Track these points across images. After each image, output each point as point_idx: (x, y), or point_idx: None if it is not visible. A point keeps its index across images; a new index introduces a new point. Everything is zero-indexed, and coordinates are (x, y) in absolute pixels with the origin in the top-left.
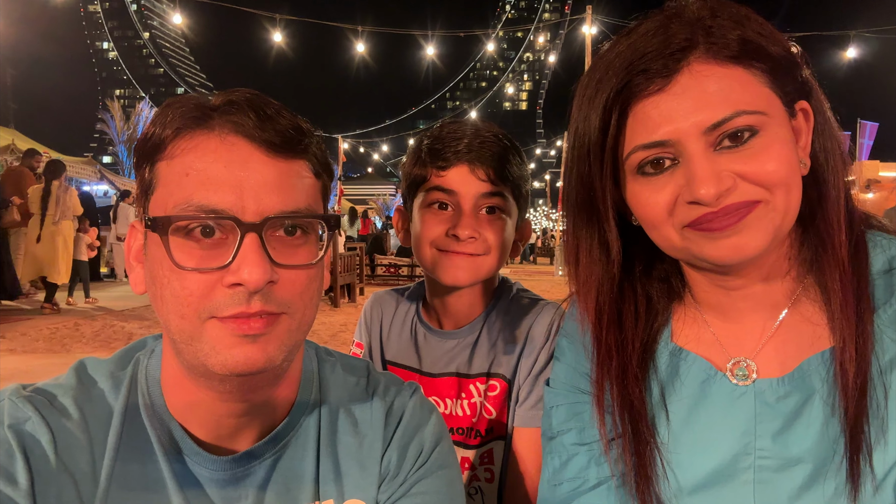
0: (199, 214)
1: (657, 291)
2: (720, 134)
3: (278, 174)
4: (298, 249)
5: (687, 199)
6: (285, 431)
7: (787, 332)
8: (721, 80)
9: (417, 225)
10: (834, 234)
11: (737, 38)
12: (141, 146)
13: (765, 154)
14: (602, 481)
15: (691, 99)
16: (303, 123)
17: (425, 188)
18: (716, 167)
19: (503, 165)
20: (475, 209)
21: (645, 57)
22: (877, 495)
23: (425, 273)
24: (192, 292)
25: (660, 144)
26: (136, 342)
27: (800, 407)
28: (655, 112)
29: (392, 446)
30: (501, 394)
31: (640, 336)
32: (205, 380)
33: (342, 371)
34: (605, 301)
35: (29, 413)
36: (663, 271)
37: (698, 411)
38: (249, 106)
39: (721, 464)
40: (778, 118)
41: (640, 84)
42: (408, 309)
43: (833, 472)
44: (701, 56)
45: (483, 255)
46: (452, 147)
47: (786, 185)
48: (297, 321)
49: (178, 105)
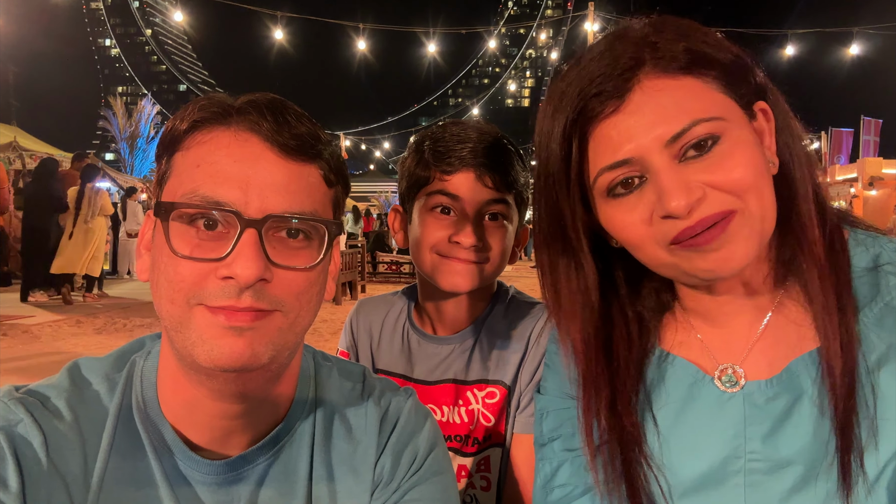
0: (202, 204)
1: (648, 310)
2: (682, 145)
3: (287, 176)
4: (299, 252)
5: (660, 215)
6: (280, 436)
7: (773, 335)
8: (674, 93)
9: (418, 228)
10: (807, 228)
11: (682, 49)
12: (162, 139)
13: (730, 160)
14: (592, 487)
15: (648, 115)
16: (321, 132)
17: (428, 191)
18: (683, 178)
19: (508, 172)
20: (479, 216)
21: (595, 81)
22: (869, 497)
23: (421, 277)
24: (185, 279)
25: (625, 163)
26: (134, 342)
27: (789, 408)
28: (615, 132)
29: (386, 453)
30: (500, 401)
31: (633, 359)
32: (196, 375)
33: (338, 376)
34: (590, 330)
35: (21, 415)
36: (652, 288)
37: (686, 415)
38: (268, 107)
39: (711, 467)
40: (737, 122)
41: (596, 107)
42: (398, 315)
43: (824, 473)
44: (650, 72)
45: (484, 262)
46: (457, 151)
47: (756, 189)
48: (290, 321)
49: (201, 101)
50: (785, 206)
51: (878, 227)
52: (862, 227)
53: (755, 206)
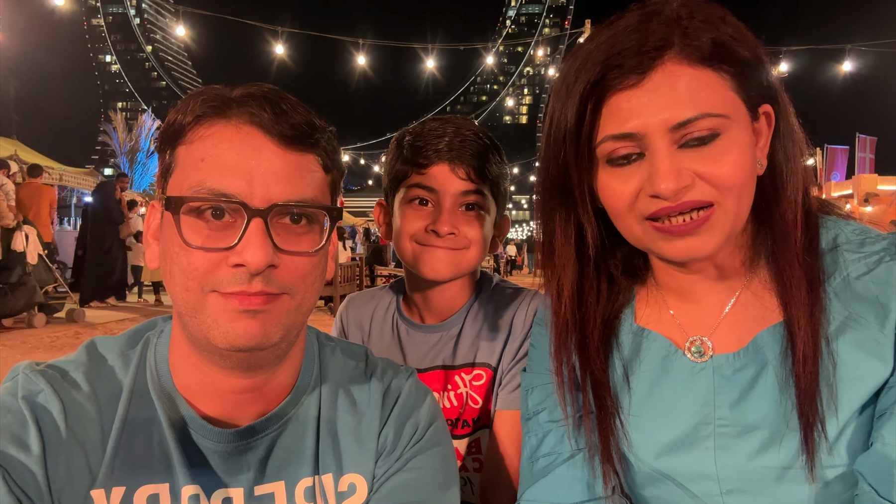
0: (209, 197)
1: (619, 271)
2: (685, 134)
3: (288, 165)
4: (302, 237)
5: (648, 193)
6: (287, 409)
7: (741, 311)
8: (691, 82)
9: (398, 220)
10: (789, 231)
11: (709, 40)
12: (164, 131)
13: (723, 158)
14: (574, 453)
15: (662, 97)
16: (316, 119)
17: (406, 184)
18: (677, 164)
19: (483, 164)
20: (455, 206)
21: (622, 52)
22: (830, 456)
23: (406, 268)
24: (198, 268)
25: (628, 136)
26: (147, 322)
27: (755, 378)
28: (627, 105)
29: (389, 424)
30: (487, 382)
31: (601, 312)
32: (208, 354)
33: (342, 355)
34: (568, 279)
35: (42, 385)
36: (626, 253)
37: (660, 385)
38: (266, 99)
39: (683, 432)
40: (740, 122)
41: (616, 78)
42: (387, 307)
43: (789, 435)
44: (675, 56)
45: (463, 248)
46: (433, 145)
47: (738, 190)
48: (297, 302)
49: (200, 94)
50: (768, 204)
51: (848, 215)
52: (835, 214)
53: (732, 204)
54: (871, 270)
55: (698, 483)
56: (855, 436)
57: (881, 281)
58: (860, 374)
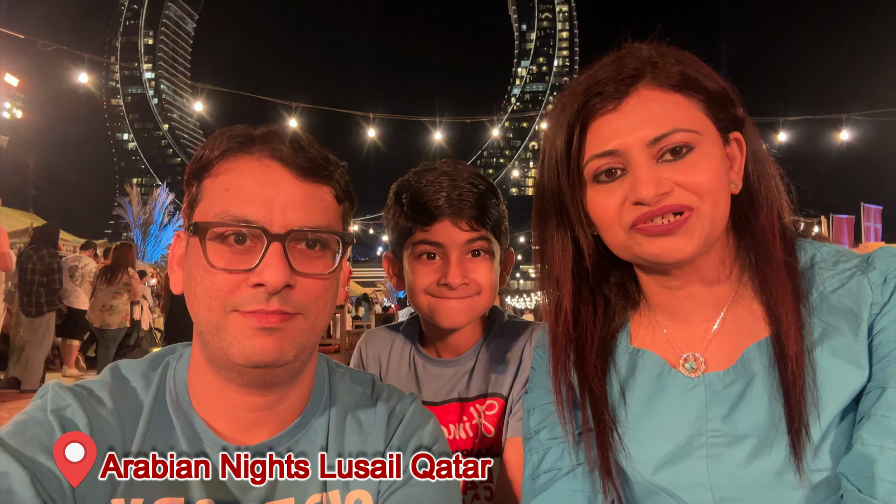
0: (233, 223)
1: (614, 294)
2: (661, 148)
3: (304, 195)
4: (316, 261)
5: (632, 201)
6: (297, 429)
7: (729, 328)
8: (663, 104)
9: (409, 275)
10: (769, 242)
11: (678, 71)
12: (192, 166)
13: (698, 167)
14: (574, 467)
15: (638, 117)
16: (331, 155)
17: (413, 241)
18: (656, 174)
19: (482, 212)
20: (461, 255)
21: (601, 82)
22: (815, 459)
23: (422, 316)
24: (221, 288)
25: (610, 154)
26: (167, 348)
27: (743, 391)
28: (608, 127)
29: (393, 443)
30: (499, 411)
31: (598, 333)
32: (226, 372)
33: (350, 381)
34: (567, 297)
35: (70, 401)
36: (619, 277)
37: (655, 401)
38: (286, 136)
39: (678, 445)
40: (711, 139)
41: (597, 104)
42: (404, 343)
43: (777, 442)
44: (647, 83)
45: (475, 295)
46: (433, 202)
47: (713, 194)
48: (310, 322)
49: (226, 132)
50: (747, 222)
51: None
52: (809, 238)
53: (709, 208)
54: (844, 284)
55: (692, 492)
56: (837, 440)
57: (853, 293)
58: (839, 380)
